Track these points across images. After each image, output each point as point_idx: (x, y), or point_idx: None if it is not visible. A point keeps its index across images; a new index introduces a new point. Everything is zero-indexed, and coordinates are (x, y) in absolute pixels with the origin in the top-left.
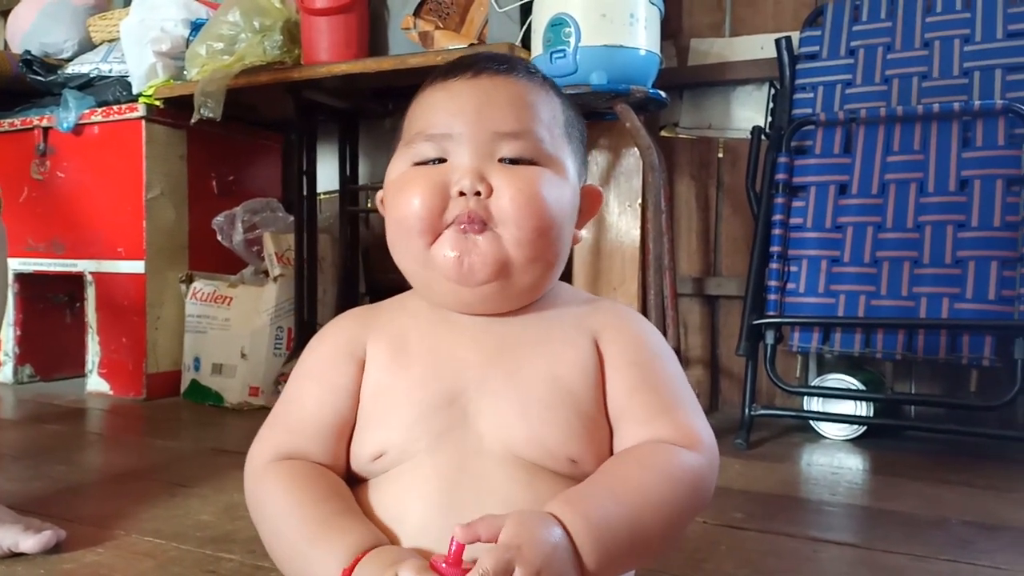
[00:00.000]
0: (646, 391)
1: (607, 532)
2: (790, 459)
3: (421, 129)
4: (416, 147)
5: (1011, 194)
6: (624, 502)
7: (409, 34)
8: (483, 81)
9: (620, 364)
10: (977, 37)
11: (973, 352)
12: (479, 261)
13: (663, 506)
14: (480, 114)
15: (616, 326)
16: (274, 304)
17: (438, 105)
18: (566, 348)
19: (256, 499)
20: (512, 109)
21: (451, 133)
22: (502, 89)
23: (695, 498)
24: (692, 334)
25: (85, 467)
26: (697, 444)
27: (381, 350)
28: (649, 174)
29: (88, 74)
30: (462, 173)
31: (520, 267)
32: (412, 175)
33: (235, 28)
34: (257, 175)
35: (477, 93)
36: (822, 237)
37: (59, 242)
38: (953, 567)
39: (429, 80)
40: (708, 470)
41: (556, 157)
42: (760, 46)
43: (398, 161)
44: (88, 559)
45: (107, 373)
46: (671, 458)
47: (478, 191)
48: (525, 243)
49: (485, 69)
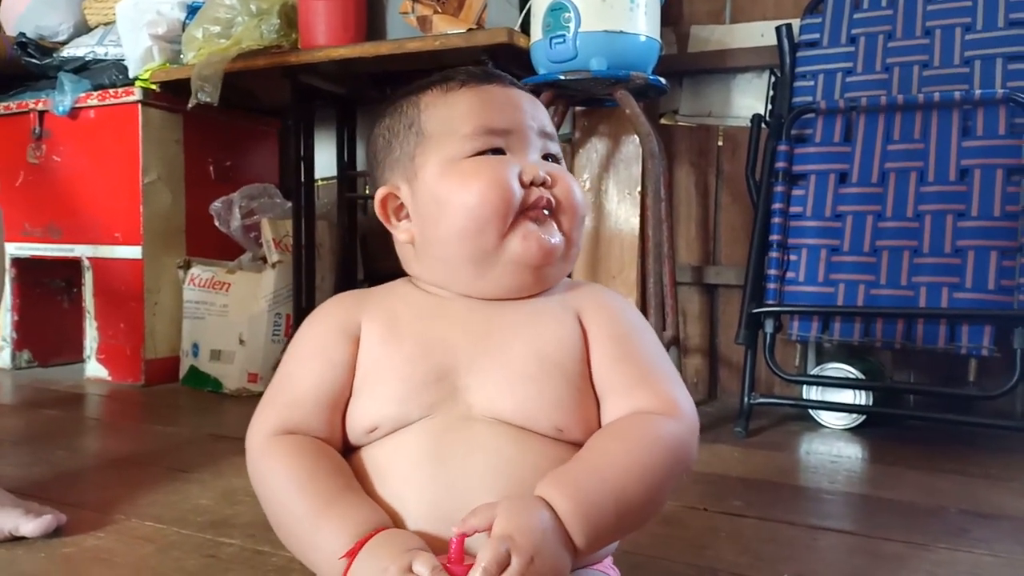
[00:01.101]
0: (626, 362)
1: (593, 509)
2: (789, 447)
3: (481, 123)
4: (474, 141)
5: (1011, 184)
6: (608, 478)
7: (407, 18)
8: (514, 90)
9: (602, 337)
10: (978, 26)
11: (972, 342)
12: (557, 242)
13: (645, 476)
14: (529, 114)
15: (596, 303)
16: (272, 290)
17: (491, 102)
18: (551, 325)
19: (259, 475)
20: (543, 113)
21: (512, 129)
22: (526, 98)
23: (676, 464)
24: (691, 323)
25: (84, 452)
26: (676, 411)
27: (374, 328)
28: (648, 161)
29: (84, 57)
30: (533, 164)
31: (569, 251)
32: (478, 165)
33: (232, 11)
34: (254, 160)
35: (520, 96)
36: (822, 226)
37: (56, 227)
38: (951, 555)
39: (443, 81)
40: (688, 435)
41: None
42: (760, 33)
43: (437, 156)
44: (88, 543)
45: (105, 359)
46: (652, 428)
47: (546, 181)
48: (575, 229)
49: (503, 79)
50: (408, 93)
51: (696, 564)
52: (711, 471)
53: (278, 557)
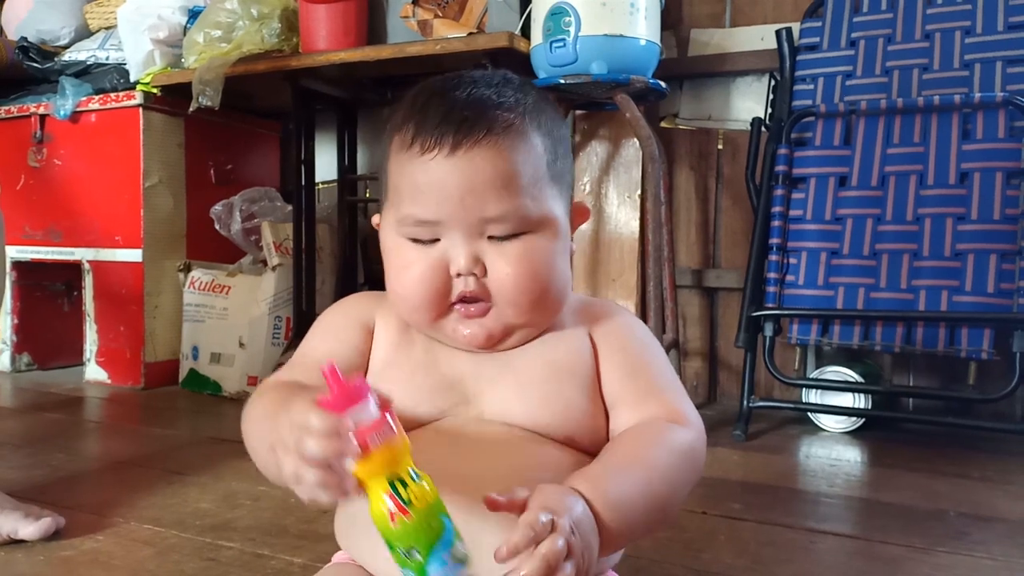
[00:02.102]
0: (635, 376)
1: (623, 502)
2: (788, 451)
3: (409, 212)
4: (408, 228)
5: (1011, 187)
6: (635, 474)
7: (408, 22)
8: (462, 161)
9: (611, 351)
10: (978, 29)
11: (972, 345)
12: (482, 334)
13: (668, 474)
14: (464, 202)
15: (606, 318)
16: (272, 294)
17: (422, 189)
18: (561, 338)
19: (245, 409)
20: (494, 192)
21: (440, 220)
22: (481, 168)
23: (692, 468)
24: (691, 326)
25: (84, 455)
26: (684, 421)
27: (388, 328)
28: (649, 165)
29: (85, 61)
30: (457, 256)
31: (523, 327)
32: (410, 255)
33: (233, 16)
34: (255, 164)
35: (459, 178)
36: (821, 229)
37: (56, 230)
38: (950, 558)
39: (402, 130)
40: (699, 443)
41: (543, 216)
42: (760, 37)
43: (389, 221)
44: (87, 546)
45: (105, 362)
46: (668, 433)
47: (474, 273)
48: (523, 313)
49: (463, 140)
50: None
51: (694, 567)
52: (710, 474)
53: (277, 560)
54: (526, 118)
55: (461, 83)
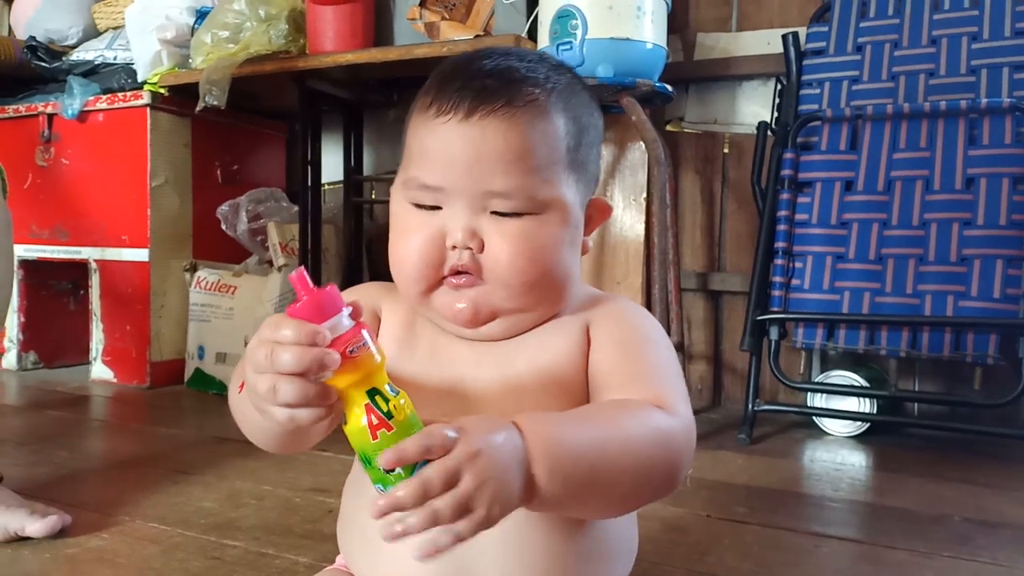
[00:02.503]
0: (624, 363)
1: (564, 450)
2: (793, 455)
3: (415, 175)
4: (413, 192)
5: (1017, 192)
6: (591, 431)
7: (415, 24)
8: (473, 128)
9: (603, 344)
10: (985, 35)
11: (977, 350)
12: (469, 310)
13: (629, 445)
14: (471, 171)
15: (607, 313)
16: (278, 294)
17: (430, 153)
18: (556, 337)
19: (232, 384)
20: (502, 165)
21: (444, 187)
22: (492, 138)
23: (666, 455)
24: (696, 329)
25: (89, 454)
26: (670, 409)
27: (394, 322)
28: (654, 168)
29: (93, 61)
30: (455, 228)
31: (512, 311)
32: (411, 221)
33: (240, 16)
34: (261, 164)
35: (467, 145)
36: (827, 233)
37: (63, 229)
38: (954, 563)
39: (425, 93)
40: (680, 433)
41: (553, 199)
42: (767, 41)
43: (398, 184)
44: (92, 544)
45: (111, 361)
46: (644, 409)
47: (469, 247)
48: (515, 296)
49: (479, 106)
50: (425, 85)
51: (698, 570)
52: (714, 478)
53: (282, 560)
54: (552, 97)
55: (493, 53)
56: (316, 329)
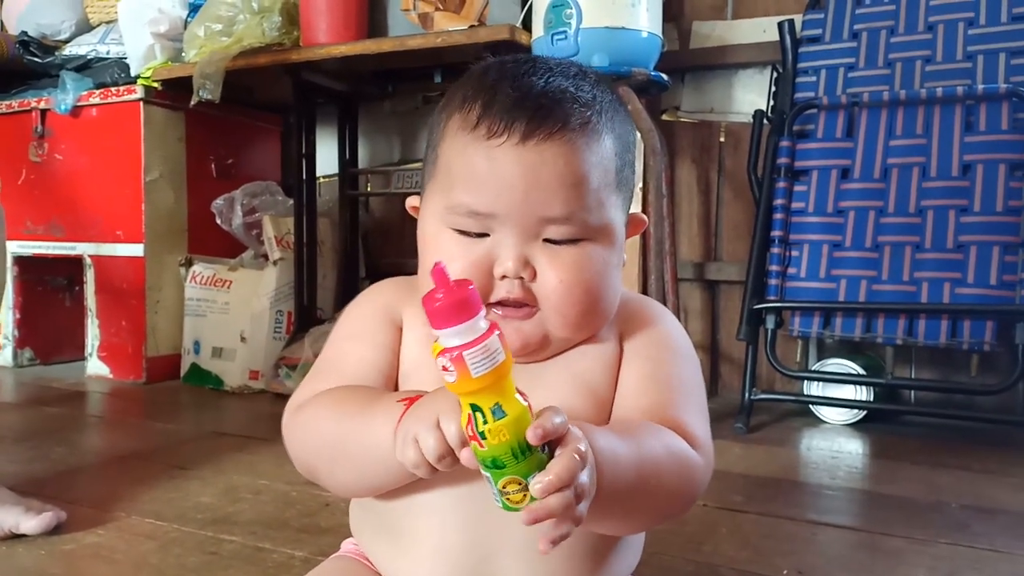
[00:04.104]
0: (654, 386)
1: (614, 465)
2: (790, 443)
3: (462, 201)
4: (457, 218)
5: (1014, 179)
6: (634, 448)
7: (409, 15)
8: (531, 153)
9: (635, 356)
10: (981, 21)
11: (974, 337)
12: (520, 341)
13: (660, 471)
14: (527, 197)
15: (640, 321)
16: (274, 288)
17: (482, 178)
18: (591, 346)
19: (298, 424)
20: (562, 190)
21: (495, 214)
22: (551, 163)
23: (683, 485)
24: (692, 319)
25: (85, 449)
26: (693, 443)
27: (417, 325)
28: (650, 158)
29: (86, 56)
30: (506, 256)
31: (562, 340)
32: (451, 248)
33: (234, 9)
34: (256, 158)
35: (525, 171)
36: (824, 221)
37: (58, 225)
38: (951, 550)
39: (465, 107)
40: (702, 469)
41: (604, 224)
42: (762, 29)
43: (435, 206)
44: (89, 540)
45: (107, 356)
46: (671, 436)
47: (521, 276)
48: (569, 325)
49: (536, 129)
50: (461, 93)
51: (696, 560)
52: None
53: (279, 554)
54: (603, 117)
55: (537, 68)
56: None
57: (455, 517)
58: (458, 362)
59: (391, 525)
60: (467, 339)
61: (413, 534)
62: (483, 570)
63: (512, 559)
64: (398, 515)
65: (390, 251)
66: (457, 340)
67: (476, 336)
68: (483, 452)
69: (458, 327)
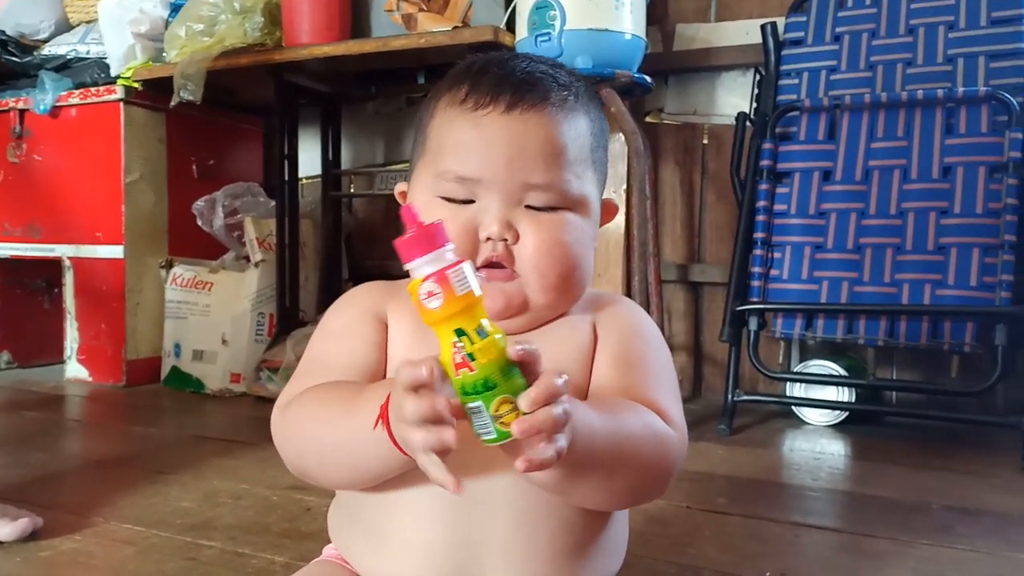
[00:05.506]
0: (628, 369)
1: (592, 428)
2: (773, 445)
3: (450, 167)
4: (445, 184)
5: (994, 181)
6: (611, 418)
7: (392, 16)
8: (515, 121)
9: (609, 342)
10: (961, 24)
11: (954, 338)
12: (503, 301)
13: (636, 442)
14: (511, 164)
15: (613, 312)
16: (255, 290)
17: (469, 144)
18: (568, 333)
19: (286, 422)
20: (543, 158)
21: (481, 179)
22: (534, 132)
23: (658, 461)
24: (676, 321)
25: (63, 454)
26: (668, 420)
27: (403, 323)
28: (634, 160)
29: (65, 56)
30: (491, 220)
31: (541, 305)
32: (439, 215)
33: (215, 9)
34: (238, 159)
35: (509, 138)
36: (806, 223)
37: (36, 226)
38: (934, 551)
39: (454, 87)
40: (677, 443)
41: (583, 195)
42: (746, 31)
43: (424, 179)
44: (66, 546)
45: (86, 359)
46: (647, 413)
47: (505, 238)
48: (548, 288)
49: (520, 101)
50: (449, 79)
51: (679, 562)
52: (694, 469)
53: (258, 559)
54: (579, 100)
55: (519, 57)
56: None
57: (439, 517)
58: (443, 282)
59: (374, 527)
60: (441, 265)
61: (397, 535)
62: (467, 570)
63: (496, 558)
64: (381, 517)
65: (373, 253)
66: (430, 268)
67: (452, 262)
68: (474, 376)
69: (430, 255)
